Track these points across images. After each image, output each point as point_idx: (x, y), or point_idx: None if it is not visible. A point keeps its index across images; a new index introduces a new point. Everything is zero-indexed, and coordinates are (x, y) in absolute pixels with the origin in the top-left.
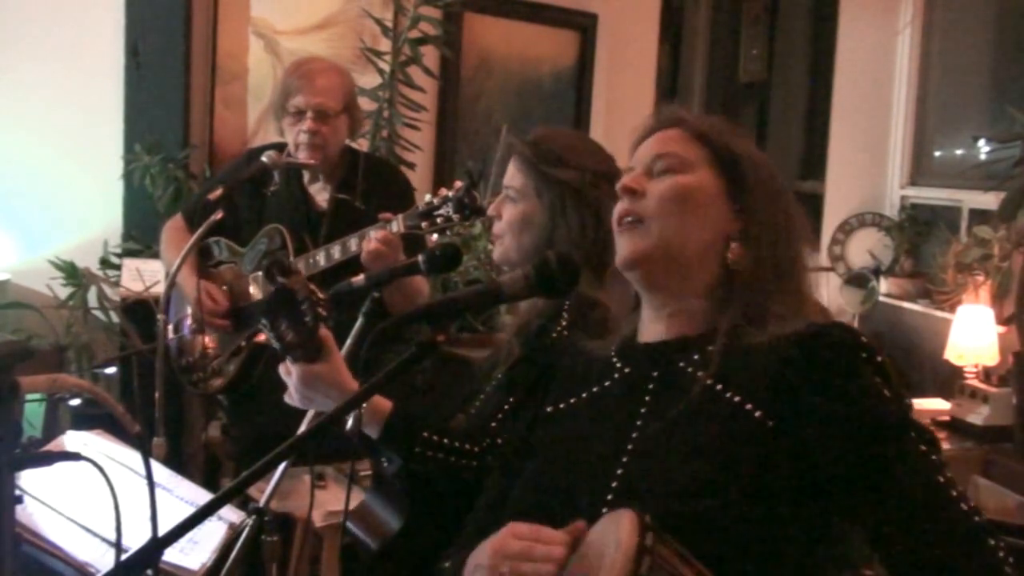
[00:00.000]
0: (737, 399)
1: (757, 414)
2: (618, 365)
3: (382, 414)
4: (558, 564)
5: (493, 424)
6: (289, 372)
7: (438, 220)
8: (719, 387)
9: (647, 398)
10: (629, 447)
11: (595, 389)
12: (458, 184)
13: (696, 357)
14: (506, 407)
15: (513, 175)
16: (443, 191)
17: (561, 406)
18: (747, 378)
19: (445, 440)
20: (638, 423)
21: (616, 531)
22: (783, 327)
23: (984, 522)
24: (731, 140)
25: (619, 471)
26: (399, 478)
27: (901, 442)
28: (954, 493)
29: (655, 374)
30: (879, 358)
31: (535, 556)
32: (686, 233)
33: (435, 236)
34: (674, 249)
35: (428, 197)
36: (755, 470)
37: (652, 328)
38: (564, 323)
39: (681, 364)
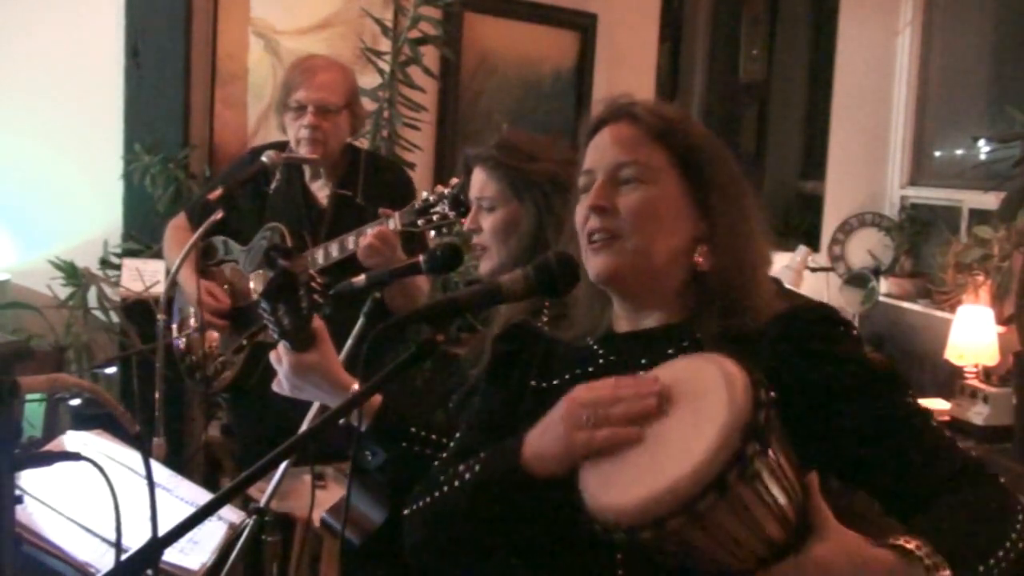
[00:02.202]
0: None
1: None
2: (601, 352)
3: (372, 408)
4: (656, 394)
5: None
6: (280, 359)
7: (434, 217)
8: None
9: None
10: None
11: (578, 372)
12: (454, 181)
13: (685, 344)
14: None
15: (484, 184)
16: (439, 188)
17: (544, 386)
18: (740, 357)
19: (433, 436)
20: None
21: (716, 368)
22: (763, 314)
23: (980, 457)
24: (688, 135)
25: None
26: (382, 472)
27: (894, 394)
28: (948, 434)
29: (644, 361)
30: (855, 331)
31: (624, 395)
32: (658, 245)
33: (432, 233)
34: (647, 262)
35: (424, 194)
36: None
37: (629, 320)
38: (545, 319)
39: (670, 351)
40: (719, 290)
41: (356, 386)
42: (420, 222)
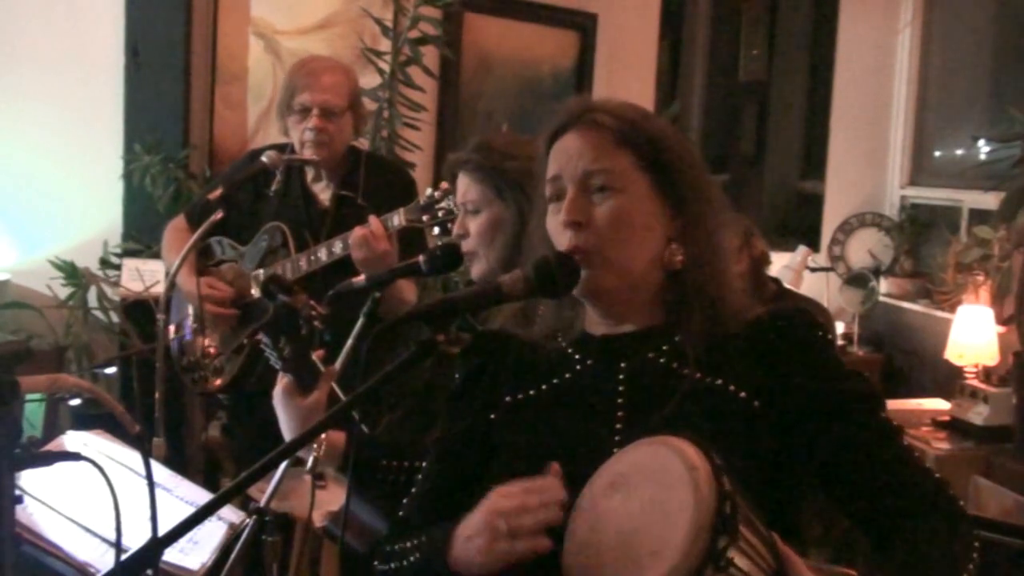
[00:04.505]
0: (719, 382)
1: (742, 395)
2: (577, 357)
3: (337, 450)
4: (560, 504)
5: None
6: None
7: (439, 213)
8: (700, 375)
9: (620, 388)
10: (616, 438)
11: (555, 381)
12: None
13: (665, 348)
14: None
15: (467, 188)
16: (444, 185)
17: (520, 397)
18: (726, 364)
19: (405, 463)
20: (619, 413)
21: (677, 456)
22: (742, 314)
23: (943, 478)
24: (651, 133)
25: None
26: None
27: (868, 411)
28: (916, 455)
29: (623, 365)
30: (830, 338)
31: (532, 506)
32: (637, 254)
33: (436, 229)
34: (628, 273)
35: (429, 191)
36: (747, 450)
37: (606, 324)
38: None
39: (651, 355)
40: (695, 287)
41: (323, 437)
42: (425, 218)
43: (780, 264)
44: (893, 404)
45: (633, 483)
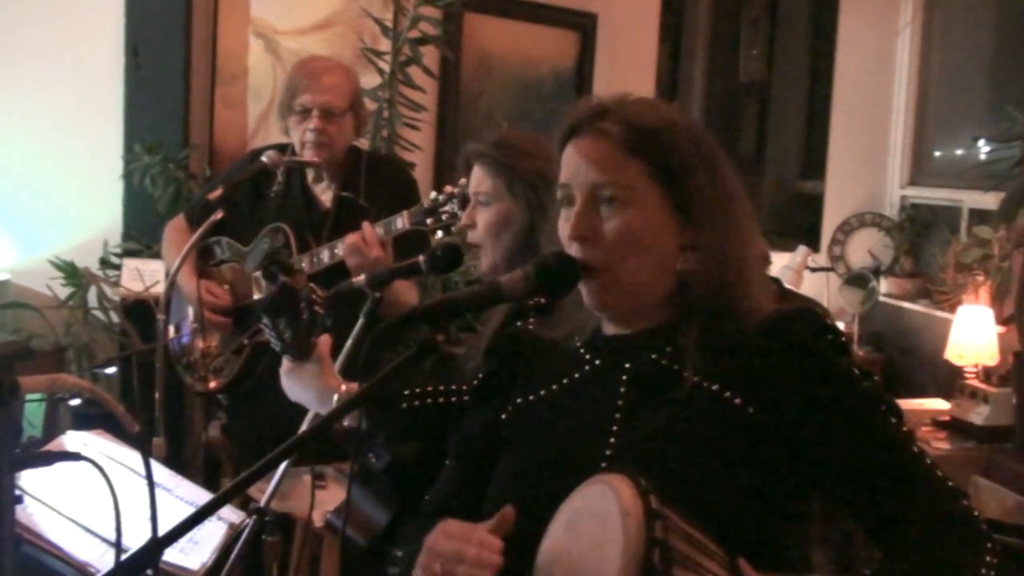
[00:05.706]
0: (716, 387)
1: (737, 401)
2: (587, 357)
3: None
4: (492, 571)
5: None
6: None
7: (443, 217)
8: (697, 379)
9: (622, 389)
10: (611, 440)
11: (565, 381)
12: (462, 181)
13: (668, 349)
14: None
15: (481, 180)
16: (448, 188)
17: (531, 398)
18: (725, 369)
19: (429, 387)
20: (617, 415)
21: (614, 498)
22: (750, 318)
23: (957, 486)
24: (664, 140)
25: (603, 464)
26: (386, 473)
27: (876, 417)
28: (929, 461)
29: (627, 366)
30: (843, 339)
31: (467, 558)
32: (642, 269)
33: (440, 233)
34: (633, 288)
35: (433, 194)
36: (742, 457)
37: (615, 325)
38: (531, 321)
39: (653, 356)
40: (704, 293)
41: (343, 388)
42: (429, 221)
43: (780, 264)
44: None
45: (581, 523)
